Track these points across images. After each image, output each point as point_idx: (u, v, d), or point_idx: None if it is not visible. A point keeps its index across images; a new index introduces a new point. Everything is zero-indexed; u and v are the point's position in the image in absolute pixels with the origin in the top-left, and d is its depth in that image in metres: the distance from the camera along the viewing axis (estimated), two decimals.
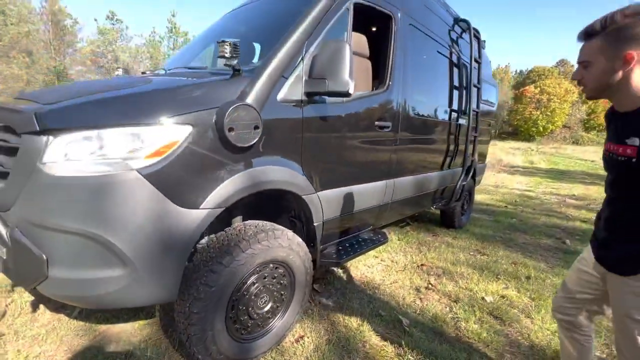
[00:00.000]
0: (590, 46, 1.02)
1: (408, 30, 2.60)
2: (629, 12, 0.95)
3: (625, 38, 0.95)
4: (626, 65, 0.97)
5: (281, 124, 1.64)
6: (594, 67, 1.03)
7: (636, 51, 0.95)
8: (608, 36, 0.98)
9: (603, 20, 0.99)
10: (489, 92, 4.56)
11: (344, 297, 2.45)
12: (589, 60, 1.03)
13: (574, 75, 1.10)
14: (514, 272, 3.01)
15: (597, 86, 1.05)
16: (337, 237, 2.32)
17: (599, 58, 1.01)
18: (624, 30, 0.95)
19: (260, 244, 1.57)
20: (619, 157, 1.04)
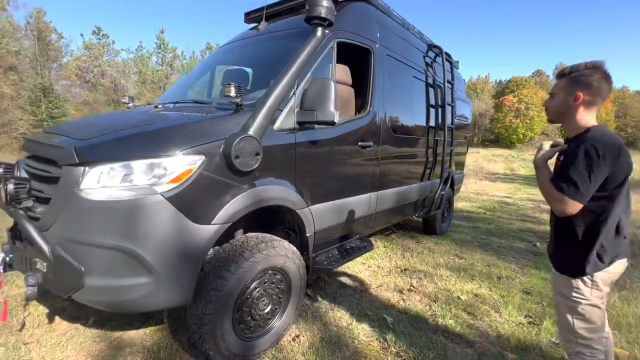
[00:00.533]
0: (558, 83, 1.38)
1: (386, 60, 2.95)
2: (590, 65, 1.31)
3: (581, 83, 1.30)
4: (576, 101, 1.31)
5: (277, 149, 1.93)
6: (556, 98, 1.38)
7: (584, 94, 1.29)
8: (571, 79, 1.33)
9: (572, 66, 1.34)
10: (463, 108, 4.98)
11: (334, 300, 2.70)
12: (554, 92, 1.38)
13: (544, 102, 1.46)
14: (487, 273, 3.33)
15: (555, 113, 1.40)
16: (328, 246, 2.59)
17: (561, 93, 1.35)
18: (582, 77, 1.30)
19: (261, 253, 1.82)
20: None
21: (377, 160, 2.87)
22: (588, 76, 1.29)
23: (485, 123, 51.43)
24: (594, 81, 1.28)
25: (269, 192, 1.86)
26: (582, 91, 1.29)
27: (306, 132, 2.11)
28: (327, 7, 2.08)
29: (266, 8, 2.91)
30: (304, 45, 2.07)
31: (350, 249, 2.79)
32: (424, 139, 3.75)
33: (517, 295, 2.85)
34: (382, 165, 2.94)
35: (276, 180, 1.94)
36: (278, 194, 1.92)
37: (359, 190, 2.72)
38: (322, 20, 2.11)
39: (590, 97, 1.29)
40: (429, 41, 4.07)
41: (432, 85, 3.96)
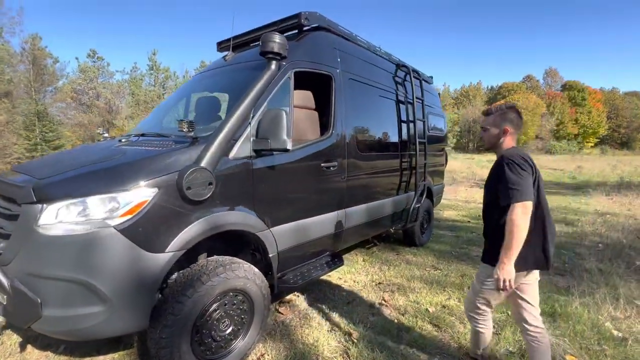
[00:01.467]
0: (489, 120, 1.79)
1: (349, 84, 3.11)
2: (509, 105, 1.78)
3: (506, 119, 1.73)
4: (504, 134, 1.74)
5: (234, 176, 2.05)
6: (489, 132, 1.79)
7: (509, 127, 1.72)
8: (497, 116, 1.76)
9: (496, 107, 1.79)
10: (437, 121, 5.14)
11: (305, 317, 2.78)
12: (487, 127, 1.79)
13: (481, 135, 1.87)
14: (459, 284, 3.41)
15: (490, 143, 1.81)
16: (296, 263, 2.68)
17: (492, 128, 1.77)
18: (505, 114, 1.73)
19: (219, 276, 1.92)
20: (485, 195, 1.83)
21: (343, 179, 2.99)
22: (510, 113, 1.72)
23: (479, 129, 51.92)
24: (514, 118, 1.73)
25: (225, 218, 1.97)
26: (508, 125, 1.72)
27: (264, 158, 2.23)
28: (279, 43, 2.24)
29: (233, 39, 3.08)
30: (257, 78, 2.21)
31: (319, 266, 2.88)
32: (396, 154, 3.89)
33: None
34: (350, 183, 3.06)
35: (233, 206, 2.05)
36: (235, 220, 2.03)
37: (324, 209, 2.83)
38: (275, 54, 2.26)
39: (512, 129, 1.73)
40: (397, 61, 4.26)
41: (402, 102, 4.12)
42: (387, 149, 3.74)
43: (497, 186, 1.63)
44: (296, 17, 2.76)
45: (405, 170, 4.10)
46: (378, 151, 3.56)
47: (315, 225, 2.75)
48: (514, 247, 1.53)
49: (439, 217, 6.87)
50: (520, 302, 1.78)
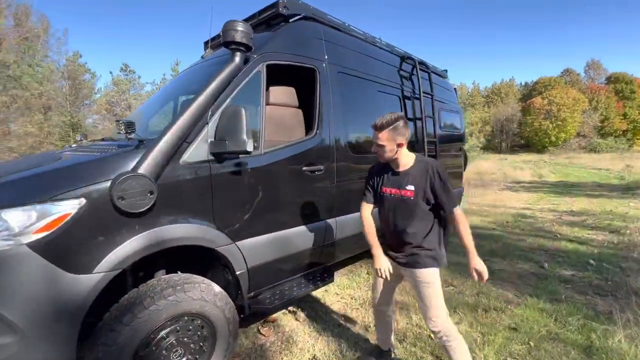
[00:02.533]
0: (382, 135, 1.72)
1: (338, 78, 2.78)
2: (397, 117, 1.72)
3: (398, 133, 1.71)
4: (399, 147, 1.74)
5: (186, 184, 1.79)
6: (385, 148, 1.74)
7: (403, 141, 1.72)
8: (390, 131, 1.70)
9: (386, 121, 1.70)
10: (452, 118, 4.66)
11: (288, 341, 2.46)
12: (383, 144, 1.74)
13: (373, 150, 1.82)
14: (473, 304, 2.94)
15: (388, 158, 1.78)
16: (274, 281, 2.38)
17: (388, 143, 1.72)
18: (397, 129, 1.70)
19: (165, 299, 1.66)
20: (402, 196, 1.79)
21: (332, 184, 2.66)
22: (401, 127, 1.71)
23: (513, 128, 49.07)
24: (403, 129, 1.72)
25: (172, 232, 1.72)
26: (400, 139, 1.72)
27: (227, 162, 1.96)
28: (242, 31, 1.98)
29: (213, 37, 2.88)
30: (217, 73, 1.96)
31: (304, 283, 2.56)
32: None
33: (500, 333, 2.45)
34: (341, 189, 2.73)
35: (185, 218, 1.79)
36: (185, 233, 1.77)
37: (308, 219, 2.52)
38: (239, 44, 2.00)
39: (404, 141, 1.74)
40: (402, 53, 3.87)
41: (408, 98, 3.73)
42: None
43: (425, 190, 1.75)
44: (274, 7, 2.50)
45: None
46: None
47: (298, 237, 2.44)
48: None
49: None
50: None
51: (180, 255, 2.08)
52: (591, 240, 4.92)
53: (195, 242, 1.80)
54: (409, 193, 1.75)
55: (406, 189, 1.76)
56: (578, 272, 3.69)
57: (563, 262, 4.02)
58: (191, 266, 2.10)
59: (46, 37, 22.60)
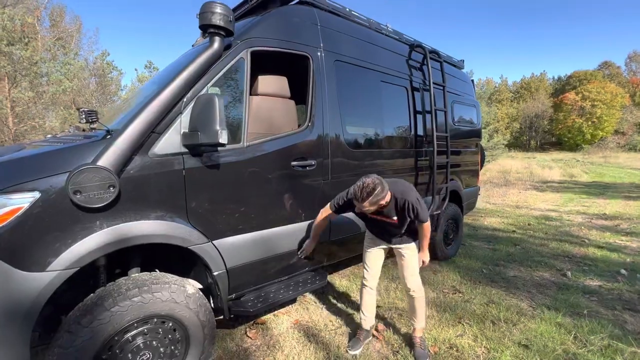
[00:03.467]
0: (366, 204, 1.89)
1: (335, 67, 2.58)
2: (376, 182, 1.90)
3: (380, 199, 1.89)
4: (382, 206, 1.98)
5: (155, 178, 1.67)
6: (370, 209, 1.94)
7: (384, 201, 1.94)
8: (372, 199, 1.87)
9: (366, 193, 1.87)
10: (467, 112, 4.33)
11: (274, 346, 2.32)
12: (368, 209, 1.93)
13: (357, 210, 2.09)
14: (481, 315, 2.68)
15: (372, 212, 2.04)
16: (258, 282, 2.24)
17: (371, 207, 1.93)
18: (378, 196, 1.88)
19: (130, 300, 1.56)
20: (389, 222, 2.11)
21: (325, 181, 2.48)
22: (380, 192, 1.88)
23: (543, 124, 46.42)
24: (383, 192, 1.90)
25: (137, 228, 1.60)
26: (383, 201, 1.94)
27: (205, 155, 1.83)
28: (220, 14, 1.82)
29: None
30: (191, 59, 1.82)
31: (293, 285, 2.40)
32: (405, 151, 3.25)
33: (508, 350, 2.19)
34: (334, 184, 2.54)
35: (154, 214, 1.68)
36: (154, 230, 1.65)
37: (298, 217, 2.35)
38: (217, 28, 1.85)
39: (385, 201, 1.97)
40: (412, 41, 3.59)
41: (417, 89, 3.46)
42: (392, 144, 3.12)
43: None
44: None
45: (421, 170, 3.42)
46: (378, 147, 2.97)
47: (285, 237, 2.29)
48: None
49: (477, 225, 5.92)
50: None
51: (164, 254, 2.00)
52: (624, 248, 4.46)
53: (165, 240, 1.69)
54: (394, 220, 2.09)
55: (392, 218, 2.08)
56: (606, 283, 3.31)
57: (589, 270, 3.64)
58: (175, 266, 2.01)
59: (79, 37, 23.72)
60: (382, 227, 2.19)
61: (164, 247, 1.77)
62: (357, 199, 1.87)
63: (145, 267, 1.89)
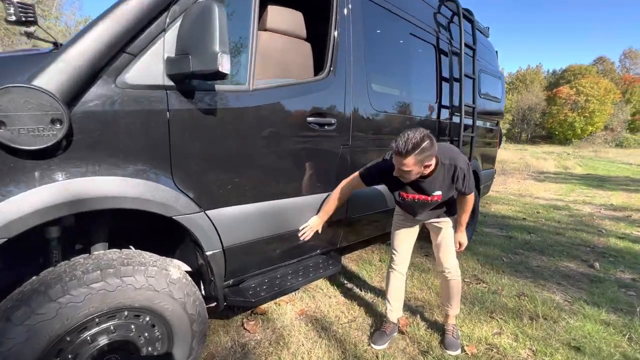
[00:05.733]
0: (409, 161, 1.47)
1: (361, 6, 2.08)
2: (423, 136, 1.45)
3: (426, 156, 1.48)
4: (427, 168, 1.56)
5: (125, 118, 1.18)
6: (412, 172, 1.52)
7: (431, 161, 1.54)
8: (417, 155, 1.45)
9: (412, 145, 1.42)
10: (492, 84, 3.89)
11: (278, 341, 1.92)
12: (410, 169, 1.50)
13: (396, 174, 1.58)
14: (515, 309, 2.33)
15: (414, 178, 1.58)
16: (262, 266, 1.81)
17: (415, 167, 1.50)
18: (425, 151, 1.46)
19: (87, 287, 1.10)
20: (429, 201, 1.72)
21: (345, 145, 2.03)
22: (428, 147, 1.45)
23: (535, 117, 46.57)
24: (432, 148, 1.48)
25: (101, 187, 1.12)
26: (429, 160, 1.51)
27: (195, 95, 1.34)
28: None
29: None
30: None
31: (302, 270, 1.98)
32: (427, 118, 2.81)
33: (558, 353, 1.85)
34: (355, 152, 2.09)
35: (124, 168, 1.20)
36: (124, 191, 1.17)
37: (312, 188, 1.91)
38: None
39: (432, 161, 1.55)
40: None
41: (445, 52, 2.99)
42: (417, 110, 2.67)
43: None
44: None
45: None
46: (403, 113, 2.51)
47: (295, 212, 1.85)
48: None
49: (485, 212, 5.61)
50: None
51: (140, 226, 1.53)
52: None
53: (140, 205, 1.22)
54: (437, 198, 1.70)
55: (433, 195, 1.69)
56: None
57: (617, 262, 3.34)
58: (154, 243, 1.55)
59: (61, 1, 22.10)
60: (416, 206, 1.79)
61: (138, 216, 1.31)
62: (400, 152, 1.45)
63: (115, 243, 1.42)
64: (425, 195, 1.70)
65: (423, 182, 1.65)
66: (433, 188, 1.67)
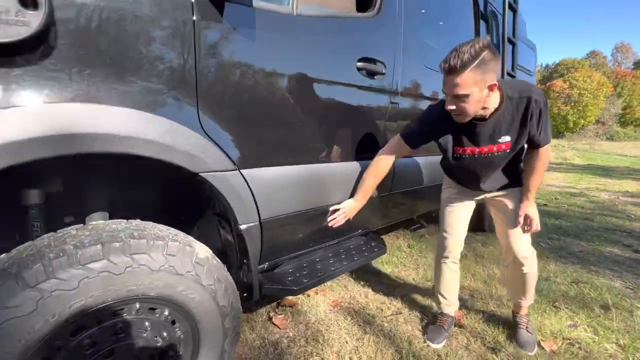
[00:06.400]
0: (464, 80, 1.08)
1: None
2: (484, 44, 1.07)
3: (487, 69, 1.08)
4: (491, 92, 1.14)
5: (135, 25, 0.81)
6: (471, 98, 1.11)
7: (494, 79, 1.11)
8: (475, 70, 1.07)
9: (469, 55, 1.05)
10: (526, 56, 3.56)
11: (316, 338, 1.58)
12: (466, 93, 1.10)
13: (449, 106, 1.18)
14: (579, 298, 2.04)
15: (474, 112, 1.18)
16: (300, 247, 1.46)
17: (474, 88, 1.09)
18: (485, 63, 1.07)
19: (83, 267, 0.75)
20: (492, 153, 1.31)
21: (392, 103, 1.68)
22: (490, 59, 1.08)
23: None
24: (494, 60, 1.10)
25: (101, 117, 0.76)
26: (492, 78, 1.11)
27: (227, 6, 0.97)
28: None
29: None
30: None
31: (345, 253, 1.65)
32: None
33: None
34: (404, 113, 1.75)
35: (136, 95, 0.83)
36: (136, 129, 0.81)
37: (354, 154, 1.56)
38: None
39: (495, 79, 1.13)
40: None
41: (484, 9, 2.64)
42: None
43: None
44: None
45: None
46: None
47: (338, 180, 1.50)
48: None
49: None
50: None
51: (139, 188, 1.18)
52: None
53: (156, 151, 0.85)
54: (504, 146, 1.29)
55: (499, 143, 1.28)
56: None
57: None
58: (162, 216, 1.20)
59: None
60: (477, 164, 1.37)
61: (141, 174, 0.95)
62: (453, 67, 1.06)
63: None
64: (488, 145, 1.29)
65: (484, 125, 1.25)
66: (498, 133, 1.25)
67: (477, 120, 1.24)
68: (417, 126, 1.42)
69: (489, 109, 1.21)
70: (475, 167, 1.39)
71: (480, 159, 1.34)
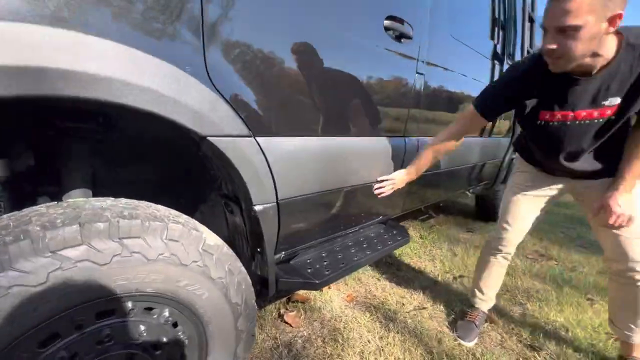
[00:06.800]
0: (577, 4, 0.77)
1: None
2: None
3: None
4: (611, 27, 0.82)
5: None
6: (583, 32, 0.81)
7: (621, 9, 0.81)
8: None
9: None
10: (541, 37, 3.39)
11: (334, 338, 1.41)
12: (577, 24, 0.79)
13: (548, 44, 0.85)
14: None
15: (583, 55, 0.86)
16: (320, 234, 1.27)
17: (589, 19, 0.79)
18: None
19: (53, 255, 0.55)
20: (594, 120, 0.98)
21: (418, 74, 1.48)
22: None
23: None
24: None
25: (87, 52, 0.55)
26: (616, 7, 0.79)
27: None
28: None
29: None
30: None
31: (366, 241, 1.46)
32: (488, 66, 2.29)
33: None
34: (429, 86, 1.56)
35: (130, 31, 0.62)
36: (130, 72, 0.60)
37: (378, 128, 1.37)
38: None
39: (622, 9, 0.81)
40: None
41: None
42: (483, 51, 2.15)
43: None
44: None
45: None
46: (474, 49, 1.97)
47: (362, 157, 1.31)
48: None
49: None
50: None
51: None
52: None
53: (156, 105, 0.65)
54: (610, 112, 0.96)
55: (604, 106, 0.95)
56: None
57: None
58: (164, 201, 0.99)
59: None
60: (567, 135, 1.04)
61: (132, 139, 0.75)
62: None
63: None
64: (587, 109, 0.97)
65: (588, 83, 0.94)
66: (605, 93, 0.93)
67: (579, 74, 0.94)
68: (496, 89, 1.16)
69: (600, 59, 0.90)
70: (563, 140, 1.05)
71: (573, 128, 1.02)
